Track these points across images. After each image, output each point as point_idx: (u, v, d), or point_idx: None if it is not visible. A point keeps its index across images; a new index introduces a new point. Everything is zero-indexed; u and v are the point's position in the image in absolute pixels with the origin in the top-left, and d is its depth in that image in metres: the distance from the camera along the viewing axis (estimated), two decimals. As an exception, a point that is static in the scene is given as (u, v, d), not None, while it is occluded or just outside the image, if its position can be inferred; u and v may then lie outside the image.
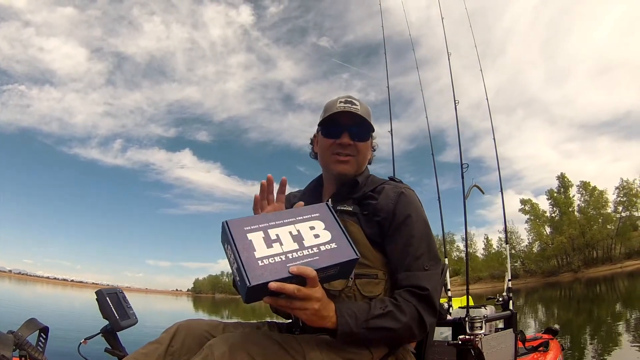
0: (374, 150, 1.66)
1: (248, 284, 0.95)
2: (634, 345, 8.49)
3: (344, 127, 1.49)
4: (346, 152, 1.50)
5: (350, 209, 1.46)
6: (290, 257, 1.04)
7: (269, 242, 1.05)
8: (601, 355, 7.92)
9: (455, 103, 4.03)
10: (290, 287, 1.00)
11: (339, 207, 1.47)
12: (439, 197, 4.33)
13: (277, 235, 1.07)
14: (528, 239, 64.86)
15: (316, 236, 1.11)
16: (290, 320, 1.53)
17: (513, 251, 62.58)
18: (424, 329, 1.27)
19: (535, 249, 63.83)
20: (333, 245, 1.10)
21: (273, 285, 0.97)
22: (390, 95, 4.94)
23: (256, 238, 1.05)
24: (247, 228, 1.05)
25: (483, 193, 4.44)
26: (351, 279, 1.35)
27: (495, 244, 68.97)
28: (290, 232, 1.10)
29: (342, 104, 1.50)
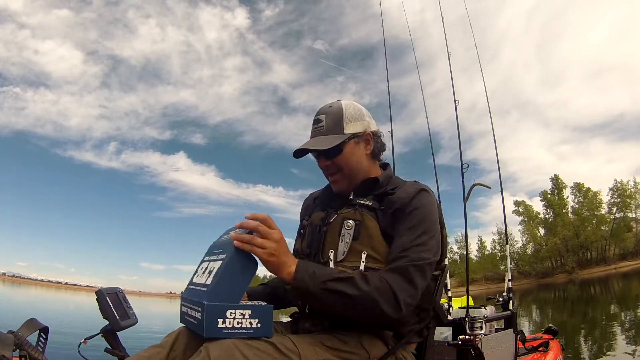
0: (379, 137, 1.63)
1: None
2: (629, 346, 8.51)
3: (317, 152, 1.53)
4: (330, 172, 1.54)
5: (370, 204, 1.46)
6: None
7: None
8: (596, 356, 7.94)
9: (455, 103, 4.03)
10: (253, 223, 1.18)
11: (359, 201, 1.48)
12: (439, 198, 4.32)
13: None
14: (522, 240, 64.95)
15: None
16: (289, 321, 1.54)
17: (506, 252, 62.53)
18: (397, 307, 1.24)
19: (529, 251, 63.95)
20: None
21: (238, 223, 1.20)
22: (387, 98, 4.93)
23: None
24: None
25: (489, 188, 4.43)
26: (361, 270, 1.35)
27: (489, 245, 69.06)
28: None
29: (313, 127, 1.55)
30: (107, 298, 1.77)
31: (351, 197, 1.52)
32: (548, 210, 62.94)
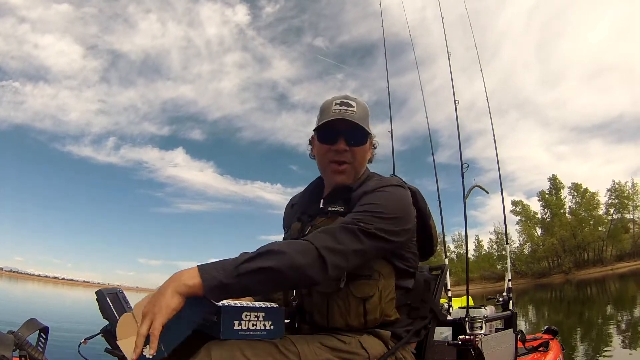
0: (375, 148, 1.63)
1: None
2: (625, 348, 8.54)
3: (339, 133, 1.47)
4: (342, 158, 1.49)
5: (341, 210, 1.44)
6: None
7: None
8: (592, 357, 7.96)
9: (455, 103, 4.04)
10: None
11: (329, 208, 1.46)
12: (439, 198, 4.34)
13: None
14: (519, 240, 64.80)
15: None
16: (289, 321, 1.52)
17: (504, 252, 62.52)
18: (324, 267, 1.16)
19: (526, 251, 63.92)
20: None
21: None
22: (386, 96, 4.94)
23: None
24: None
25: (487, 192, 4.42)
26: (343, 280, 1.33)
27: (486, 245, 69.01)
28: None
29: (337, 107, 1.47)
30: (107, 298, 1.76)
31: (322, 206, 1.50)
32: (545, 210, 62.95)
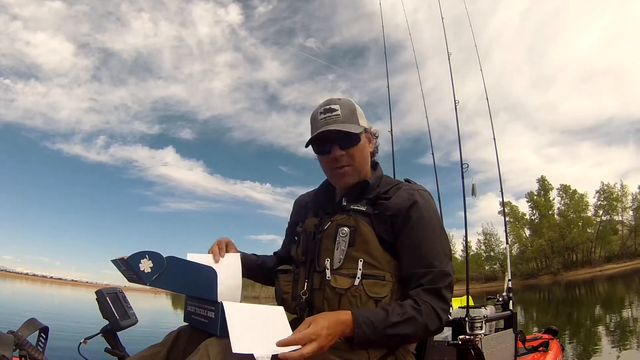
0: (377, 137, 1.63)
1: None
2: (614, 349, 8.61)
3: (330, 141, 1.47)
4: (341, 163, 1.48)
5: (364, 209, 1.44)
6: None
7: None
8: (580, 357, 8.02)
9: (455, 103, 4.06)
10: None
11: (352, 207, 1.46)
12: (439, 198, 4.32)
13: None
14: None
15: None
16: (298, 314, 1.51)
17: (492, 253, 63.07)
18: (441, 325, 1.31)
19: (514, 252, 64.14)
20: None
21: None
22: (376, 97, 4.99)
23: None
24: None
25: (474, 195, 4.38)
26: (358, 278, 1.33)
27: (474, 246, 69.13)
28: None
29: (322, 116, 1.48)
30: (107, 298, 1.77)
31: (344, 203, 1.50)
32: (534, 211, 63.21)
